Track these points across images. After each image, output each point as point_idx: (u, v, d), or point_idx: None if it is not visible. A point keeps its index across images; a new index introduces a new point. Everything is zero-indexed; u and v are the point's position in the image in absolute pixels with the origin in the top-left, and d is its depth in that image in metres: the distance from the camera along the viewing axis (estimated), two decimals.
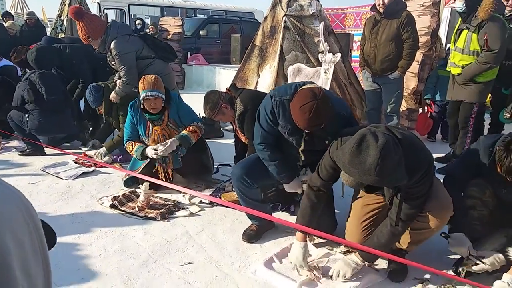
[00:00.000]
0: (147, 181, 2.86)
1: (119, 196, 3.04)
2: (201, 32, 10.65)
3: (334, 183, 2.16)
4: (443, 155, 4.21)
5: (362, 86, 4.98)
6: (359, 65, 4.76)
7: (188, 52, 10.09)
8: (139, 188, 3.04)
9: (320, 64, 4.79)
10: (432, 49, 4.96)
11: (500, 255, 1.96)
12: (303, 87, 2.15)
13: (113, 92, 3.86)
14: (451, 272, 2.10)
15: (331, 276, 2.03)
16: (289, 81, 5.01)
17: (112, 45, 3.72)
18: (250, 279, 2.08)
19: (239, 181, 2.43)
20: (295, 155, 2.42)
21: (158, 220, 2.72)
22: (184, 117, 3.20)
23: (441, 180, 2.12)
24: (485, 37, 3.40)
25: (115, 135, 4.11)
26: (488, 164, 1.92)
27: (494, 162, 1.88)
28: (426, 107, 5.07)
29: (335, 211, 2.54)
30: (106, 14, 12.42)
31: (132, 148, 3.18)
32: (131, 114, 3.20)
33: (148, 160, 3.23)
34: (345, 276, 2.00)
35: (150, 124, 3.18)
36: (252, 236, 2.49)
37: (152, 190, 2.99)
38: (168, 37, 9.06)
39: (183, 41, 9.52)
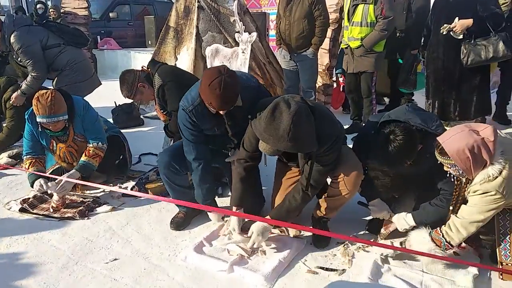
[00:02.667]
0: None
1: (29, 198, 2.77)
2: (110, 14, 9.93)
3: (260, 154, 2.20)
4: None
5: (281, 64, 5.08)
6: (275, 43, 4.84)
7: (98, 37, 9.39)
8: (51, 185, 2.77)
9: (237, 44, 4.76)
10: (341, 25, 5.20)
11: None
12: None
13: (17, 91, 3.47)
14: (368, 237, 2.29)
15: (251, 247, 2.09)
16: (208, 62, 4.92)
17: (12, 39, 3.39)
18: (181, 267, 2.05)
19: (167, 168, 2.36)
20: (226, 141, 2.42)
21: (77, 219, 2.54)
22: (87, 131, 2.82)
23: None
24: (382, 6, 3.74)
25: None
26: (376, 146, 2.02)
27: (380, 144, 1.97)
28: (336, 82, 5.33)
29: (262, 188, 2.60)
30: None
31: (28, 168, 2.76)
32: (30, 127, 2.78)
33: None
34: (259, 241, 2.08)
35: (54, 141, 2.83)
36: (181, 223, 2.44)
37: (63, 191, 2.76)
38: (74, 21, 8.33)
39: (91, 24, 8.82)
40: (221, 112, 2.11)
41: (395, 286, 1.84)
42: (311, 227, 2.27)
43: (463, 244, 2.11)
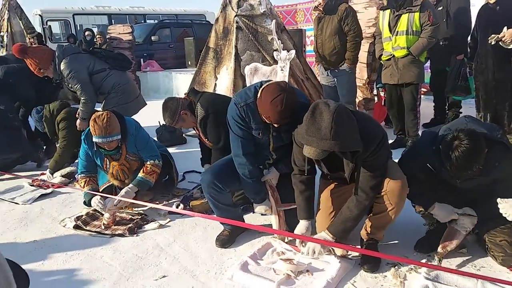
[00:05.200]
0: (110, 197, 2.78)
1: (82, 215, 2.90)
2: (152, 38, 10.43)
3: (311, 167, 2.18)
4: None
5: (319, 80, 5.09)
6: (315, 60, 4.86)
7: (141, 59, 9.86)
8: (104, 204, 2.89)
9: (276, 62, 4.82)
10: None
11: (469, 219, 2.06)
12: (264, 85, 2.18)
13: (78, 119, 3.76)
14: (419, 257, 2.20)
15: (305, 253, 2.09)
16: (247, 81, 5.02)
17: (62, 67, 3.68)
18: (228, 285, 2.06)
19: (210, 187, 2.39)
20: (265, 156, 2.44)
21: (126, 236, 2.63)
22: (142, 151, 3.00)
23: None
24: (428, 13, 3.68)
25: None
26: (437, 162, 1.95)
27: (441, 159, 1.89)
28: (377, 96, 5.23)
29: None
30: (50, 26, 11.85)
31: (83, 186, 2.95)
32: (85, 148, 2.97)
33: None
34: (315, 252, 2.07)
35: (107, 160, 3.00)
36: (226, 241, 2.46)
37: (117, 205, 2.88)
38: (119, 46, 8.81)
39: (135, 48, 9.28)
40: (275, 125, 2.16)
41: None
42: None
43: None
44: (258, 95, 2.16)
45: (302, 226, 2.22)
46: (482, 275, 1.95)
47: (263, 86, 2.17)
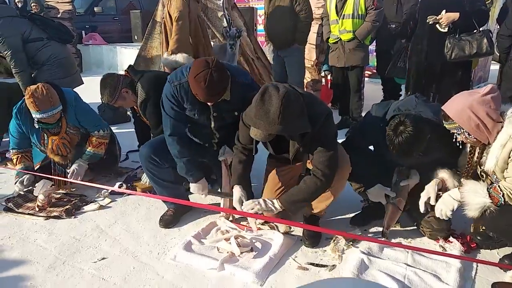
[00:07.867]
0: (46, 178, 2.61)
1: (14, 197, 2.71)
2: (95, 9, 9.76)
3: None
4: None
5: (269, 60, 5.07)
6: (264, 39, 4.83)
7: (83, 31, 9.23)
8: (36, 186, 2.71)
9: (225, 39, 4.73)
10: None
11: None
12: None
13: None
14: (356, 232, 2.31)
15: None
16: None
17: None
18: (171, 265, 2.03)
19: (147, 161, 2.34)
20: (208, 134, 2.39)
21: (63, 218, 2.50)
22: (85, 122, 2.81)
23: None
24: None
25: None
26: (383, 140, 2.00)
27: (388, 135, 1.96)
28: (324, 78, 5.31)
29: (252, 184, 2.58)
30: None
31: (16, 164, 2.74)
32: (18, 123, 2.71)
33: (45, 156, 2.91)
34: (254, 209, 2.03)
35: (45, 134, 2.77)
36: (170, 221, 2.42)
37: (53, 186, 2.72)
38: (57, 16, 8.16)
39: (76, 19, 8.65)
40: (208, 103, 2.10)
41: (378, 280, 1.86)
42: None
43: (450, 239, 2.15)
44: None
45: (236, 192, 2.18)
46: (412, 246, 2.09)
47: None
